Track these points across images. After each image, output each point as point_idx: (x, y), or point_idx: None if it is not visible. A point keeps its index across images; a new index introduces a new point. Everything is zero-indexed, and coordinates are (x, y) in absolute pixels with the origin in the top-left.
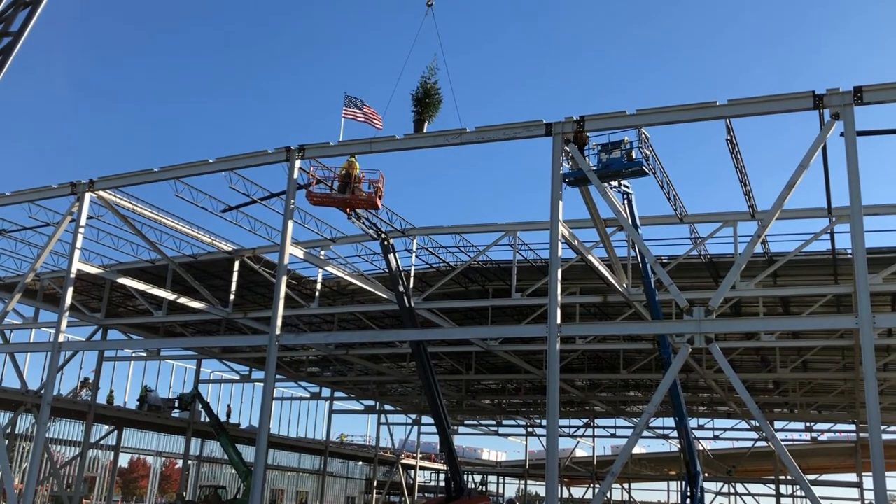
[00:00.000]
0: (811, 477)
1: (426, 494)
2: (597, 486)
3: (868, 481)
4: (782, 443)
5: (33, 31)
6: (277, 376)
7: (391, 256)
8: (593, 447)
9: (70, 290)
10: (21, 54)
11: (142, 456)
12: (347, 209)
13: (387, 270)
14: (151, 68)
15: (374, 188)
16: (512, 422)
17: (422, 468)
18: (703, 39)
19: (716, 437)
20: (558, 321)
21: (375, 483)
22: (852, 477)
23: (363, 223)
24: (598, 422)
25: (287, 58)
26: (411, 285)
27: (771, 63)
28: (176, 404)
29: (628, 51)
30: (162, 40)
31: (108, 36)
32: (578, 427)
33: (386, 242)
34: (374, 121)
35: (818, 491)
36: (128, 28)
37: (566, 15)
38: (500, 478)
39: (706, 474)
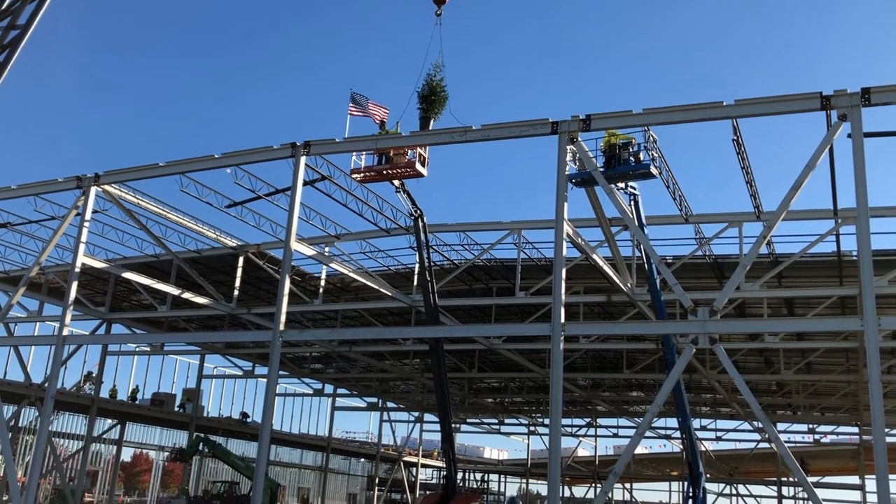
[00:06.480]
0: (813, 479)
1: (427, 492)
2: (599, 485)
3: (871, 484)
4: (785, 444)
5: (41, 25)
6: (280, 372)
7: (422, 236)
8: (595, 447)
9: (74, 284)
10: (29, 48)
11: (144, 450)
12: (393, 181)
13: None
14: (160, 65)
15: (416, 154)
16: (514, 420)
17: (423, 466)
18: (708, 45)
19: (718, 438)
20: (562, 320)
21: (377, 480)
22: (855, 479)
23: (406, 197)
24: (601, 421)
25: (298, 58)
26: (415, 283)
27: (776, 72)
28: (175, 456)
29: (633, 56)
30: (172, 37)
31: (116, 32)
32: (581, 426)
33: (420, 221)
34: (379, 115)
35: (820, 493)
36: (136, 24)
37: (574, 18)
38: (502, 476)
39: (708, 475)
